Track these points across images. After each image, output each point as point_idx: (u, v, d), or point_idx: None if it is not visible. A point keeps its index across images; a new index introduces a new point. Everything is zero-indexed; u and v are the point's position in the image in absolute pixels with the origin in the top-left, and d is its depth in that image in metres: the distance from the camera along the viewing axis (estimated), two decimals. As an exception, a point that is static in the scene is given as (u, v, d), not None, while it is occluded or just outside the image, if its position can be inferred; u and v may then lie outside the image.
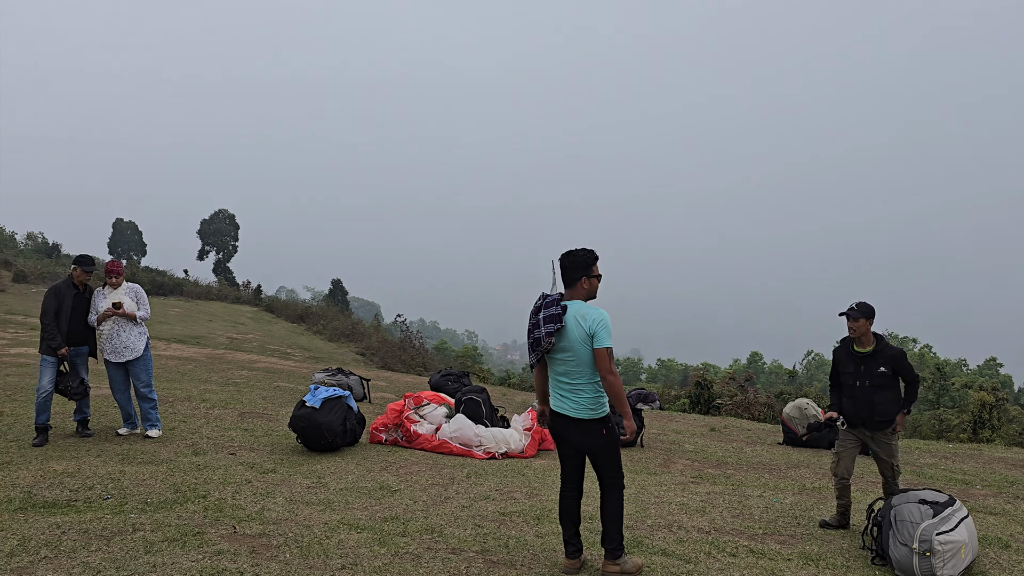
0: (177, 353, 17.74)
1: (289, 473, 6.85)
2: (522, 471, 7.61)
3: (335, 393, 7.92)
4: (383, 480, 6.81)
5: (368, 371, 19.54)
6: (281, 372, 15.77)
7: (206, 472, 6.66)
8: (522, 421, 8.85)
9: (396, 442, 8.51)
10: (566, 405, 4.50)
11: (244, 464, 7.05)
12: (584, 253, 4.51)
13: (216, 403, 10.44)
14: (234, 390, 11.98)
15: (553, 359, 4.53)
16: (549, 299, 4.52)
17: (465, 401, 8.88)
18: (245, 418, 9.50)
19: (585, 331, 4.39)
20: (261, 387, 12.73)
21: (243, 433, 8.55)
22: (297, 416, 7.62)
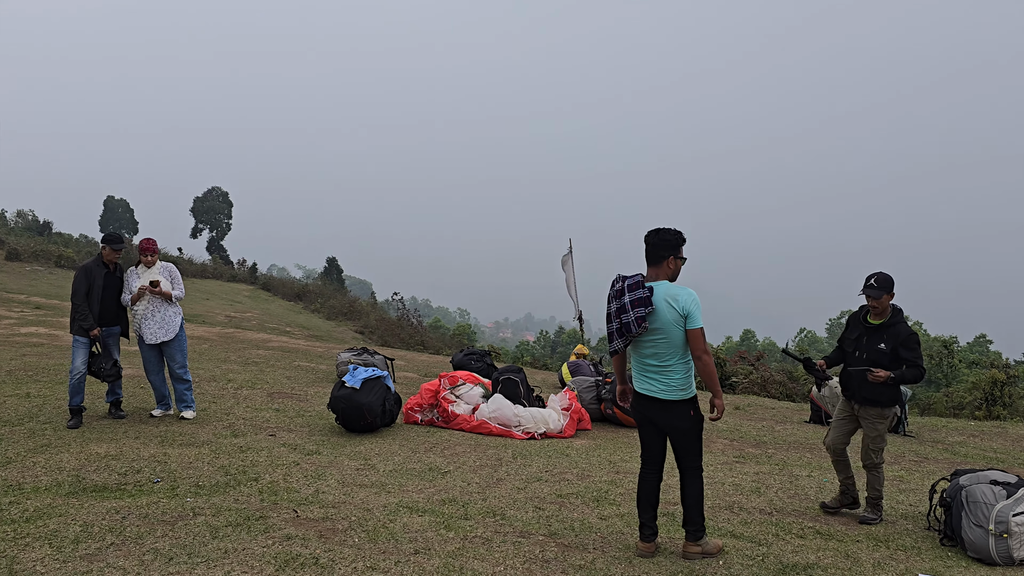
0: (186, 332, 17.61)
1: (334, 455, 6.77)
2: (565, 452, 7.56)
3: (374, 373, 7.83)
4: (431, 461, 6.74)
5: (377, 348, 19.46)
6: (297, 352, 15.67)
7: (250, 454, 6.56)
8: (559, 401, 8.78)
9: (432, 422, 8.45)
10: (654, 387, 4.44)
11: (287, 446, 6.96)
12: (674, 233, 4.46)
13: (242, 383, 10.34)
14: (256, 370, 11.88)
15: (640, 341, 4.45)
16: (631, 281, 4.42)
17: (503, 381, 8.80)
18: (275, 398, 9.41)
19: (678, 312, 4.34)
20: (282, 367, 12.65)
21: (276, 414, 8.45)
22: (337, 397, 7.52)
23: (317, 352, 15.99)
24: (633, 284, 4.39)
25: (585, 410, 9.17)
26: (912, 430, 10.49)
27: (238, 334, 18.60)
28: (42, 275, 28.92)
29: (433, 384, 8.75)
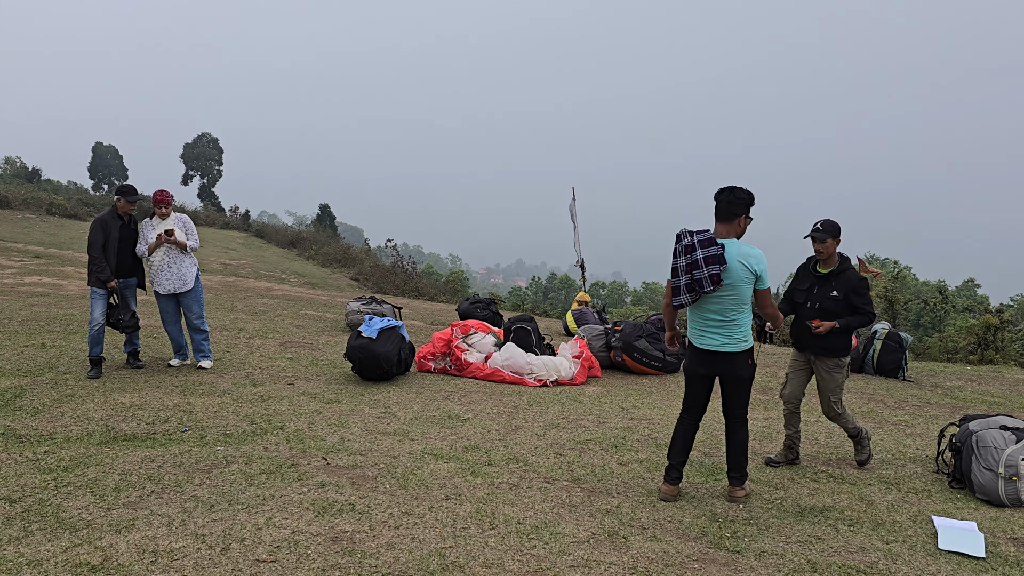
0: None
1: (354, 403, 6.89)
2: (578, 399, 7.71)
3: (389, 323, 7.91)
4: (449, 409, 6.87)
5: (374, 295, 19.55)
6: (301, 300, 15.74)
7: (272, 403, 6.67)
8: (570, 349, 8.90)
9: (445, 371, 8.57)
10: (718, 340, 4.59)
11: (306, 395, 7.07)
12: (746, 192, 4.53)
13: (254, 333, 10.42)
14: (265, 319, 11.96)
15: (707, 297, 4.54)
16: (703, 237, 4.46)
17: (515, 330, 8.91)
18: (287, 348, 9.50)
19: (750, 271, 4.49)
20: (289, 315, 12.73)
21: (290, 363, 8.54)
22: (354, 347, 7.62)
23: (321, 301, 16.04)
24: (705, 240, 4.44)
25: (595, 358, 9.29)
26: (912, 375, 10.70)
27: (239, 282, 18.61)
28: (34, 223, 28.68)
29: (446, 333, 8.84)
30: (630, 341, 9.24)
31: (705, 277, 4.42)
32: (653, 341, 9.37)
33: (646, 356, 9.28)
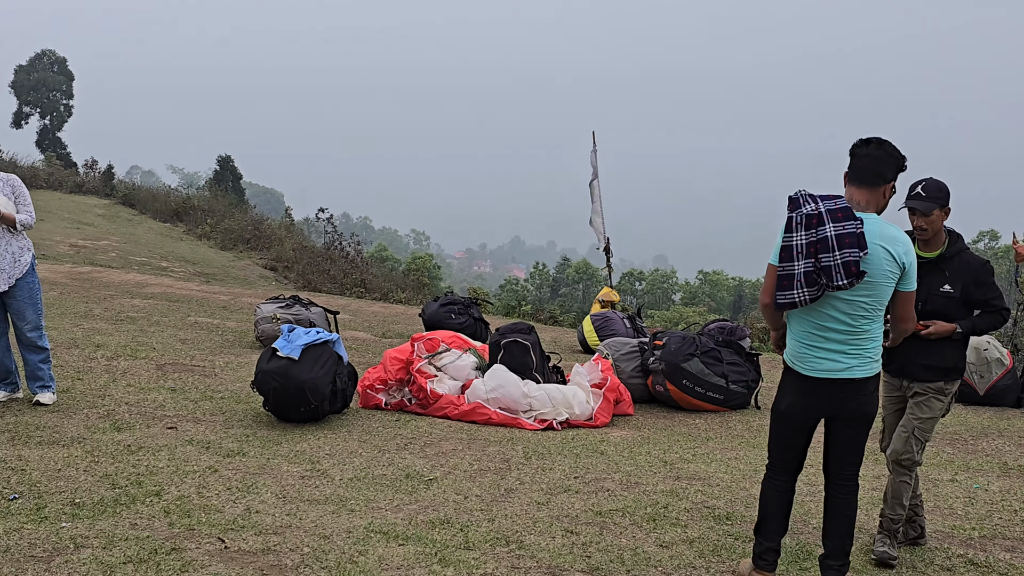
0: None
1: (266, 456, 6.89)
2: (599, 447, 7.75)
3: (318, 337, 7.91)
4: (407, 465, 6.88)
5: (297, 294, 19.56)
6: (191, 300, 15.77)
7: (144, 456, 6.67)
8: (587, 374, 8.91)
9: (402, 407, 8.55)
10: (842, 362, 4.60)
11: (195, 443, 7.07)
12: (899, 152, 4.60)
13: (118, 350, 10.44)
14: (135, 329, 12.00)
15: (832, 296, 4.54)
16: (835, 206, 4.46)
17: (506, 346, 8.93)
18: (168, 373, 9.52)
19: (896, 263, 4.54)
20: (171, 324, 12.77)
21: (172, 396, 8.56)
22: (267, 372, 7.62)
23: (219, 301, 16.06)
24: (838, 211, 4.44)
25: (626, 387, 9.28)
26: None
27: (97, 275, 18.60)
28: None
29: (404, 351, 8.84)
30: (677, 362, 9.24)
31: (837, 264, 4.39)
32: (711, 361, 9.37)
33: (701, 384, 9.28)
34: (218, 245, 31.89)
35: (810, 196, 4.51)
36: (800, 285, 4.47)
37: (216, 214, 36.00)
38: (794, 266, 4.47)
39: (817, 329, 4.59)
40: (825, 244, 4.40)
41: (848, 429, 4.72)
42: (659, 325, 43.46)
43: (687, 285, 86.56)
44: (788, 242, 4.49)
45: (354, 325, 14.72)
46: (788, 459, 4.88)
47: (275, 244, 32.97)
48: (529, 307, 25.38)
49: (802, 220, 4.46)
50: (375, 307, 18.56)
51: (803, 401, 4.71)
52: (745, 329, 14.20)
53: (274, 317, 11.11)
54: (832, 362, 4.59)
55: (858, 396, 4.63)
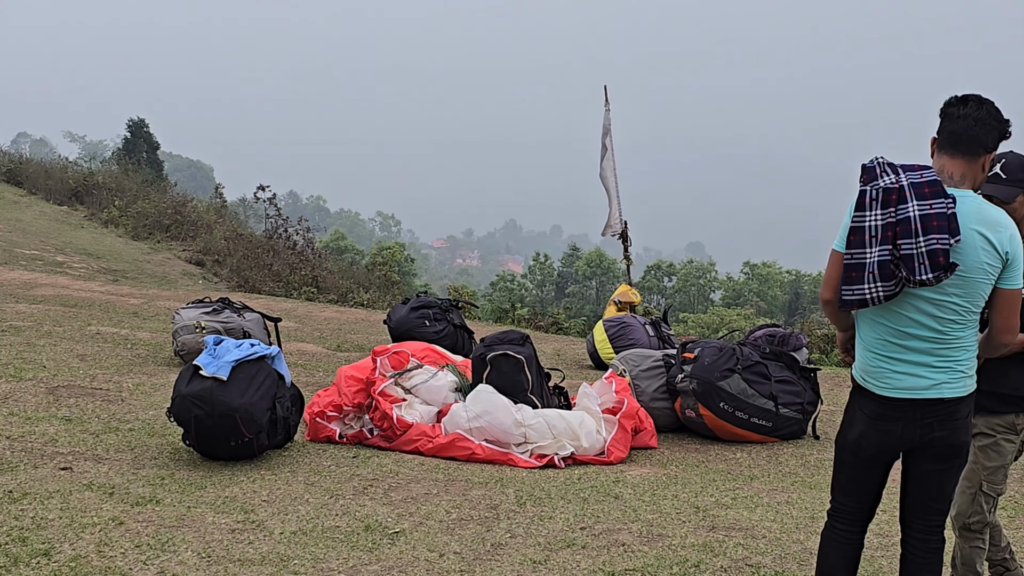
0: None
1: (186, 504, 6.86)
2: (612, 490, 7.74)
3: (253, 351, 7.89)
4: (367, 513, 6.86)
5: (232, 296, 19.51)
6: (94, 304, 15.75)
7: (30, 505, 6.64)
8: (597, 396, 8.89)
9: (362, 438, 8.54)
10: (929, 378, 4.52)
11: (95, 488, 7.04)
12: (1001, 114, 4.57)
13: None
14: (20, 342, 12.00)
15: (912, 298, 4.48)
16: (922, 178, 4.39)
17: (493, 361, 8.91)
18: (61, 398, 9.50)
19: (997, 252, 4.44)
20: (67, 335, 12.75)
21: (67, 427, 8.53)
22: (187, 396, 7.59)
23: (130, 305, 16.04)
24: (924, 185, 4.38)
25: (647, 412, 9.28)
26: None
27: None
28: None
29: (362, 368, 8.83)
30: (712, 380, 9.24)
31: (921, 253, 4.30)
32: (756, 379, 9.36)
33: (743, 408, 9.27)
34: (129, 233, 31.85)
35: (889, 165, 4.45)
36: (873, 278, 4.39)
37: (126, 194, 35.89)
38: (865, 253, 4.40)
39: (895, 336, 4.52)
40: (907, 226, 4.32)
41: (935, 464, 4.63)
42: (693, 333, 43.56)
43: (729, 281, 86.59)
44: (859, 222, 4.41)
45: (301, 335, 14.69)
46: (857, 504, 4.81)
47: (202, 232, 32.92)
48: (526, 310, 25.29)
49: (878, 195, 4.39)
50: (328, 312, 18.53)
51: (878, 429, 4.61)
52: (802, 337, 14.19)
53: (197, 326, 11.05)
54: (915, 378, 4.50)
55: (949, 421, 4.54)
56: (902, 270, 4.33)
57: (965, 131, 4.50)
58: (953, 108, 4.54)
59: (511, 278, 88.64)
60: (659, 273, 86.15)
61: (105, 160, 53.08)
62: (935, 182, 4.36)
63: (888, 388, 4.53)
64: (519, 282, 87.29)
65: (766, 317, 60.32)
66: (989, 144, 4.52)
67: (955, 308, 4.43)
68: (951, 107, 4.54)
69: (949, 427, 4.54)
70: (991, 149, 4.54)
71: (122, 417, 9.00)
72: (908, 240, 4.31)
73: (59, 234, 29.46)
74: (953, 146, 4.53)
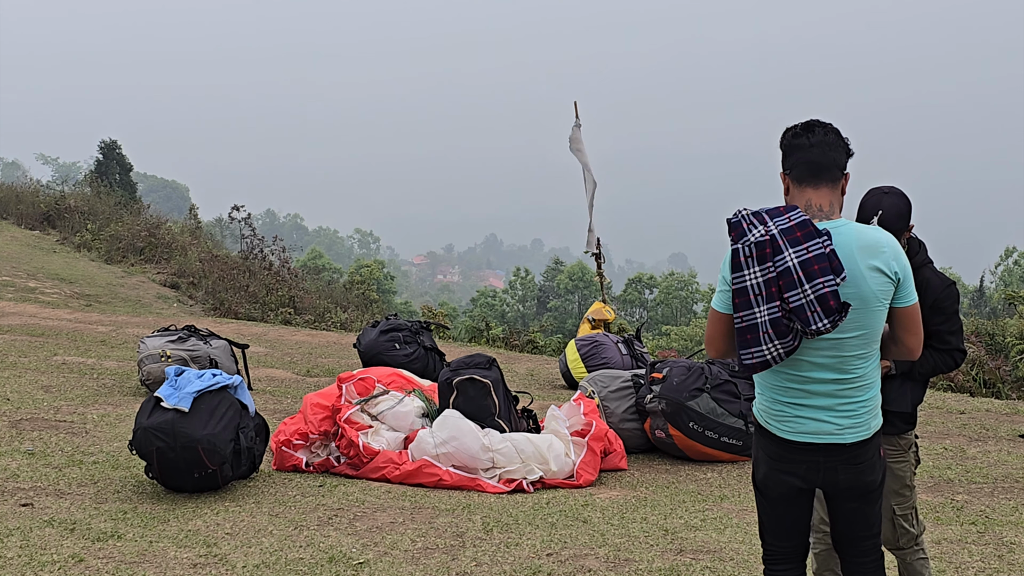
0: None
1: (148, 538, 6.86)
2: (581, 514, 7.76)
3: (215, 382, 7.89)
4: (331, 544, 6.87)
5: (201, 321, 19.46)
6: (60, 333, 15.73)
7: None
8: (566, 419, 8.91)
9: (328, 468, 8.55)
10: (832, 423, 4.46)
11: (56, 524, 7.03)
12: (839, 134, 4.54)
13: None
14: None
15: (808, 342, 4.39)
16: (788, 221, 4.29)
17: (459, 386, 8.92)
18: (24, 431, 9.49)
19: (887, 276, 4.38)
20: (32, 366, 12.73)
21: (29, 461, 8.52)
22: (149, 428, 7.58)
23: (97, 333, 16.01)
24: (794, 228, 4.28)
25: (616, 433, 9.32)
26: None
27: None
28: None
29: (327, 395, 8.83)
30: (681, 400, 9.25)
31: (811, 302, 4.21)
32: (726, 397, 9.38)
33: (713, 427, 9.29)
34: (102, 257, 31.74)
35: (755, 215, 4.35)
36: (769, 337, 4.29)
37: (99, 217, 35.74)
38: (755, 313, 4.29)
39: (796, 382, 4.46)
40: (789, 277, 4.23)
41: (851, 503, 4.60)
42: (675, 346, 43.61)
43: (711, 292, 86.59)
44: (740, 282, 4.30)
45: (271, 361, 14.69)
46: (785, 544, 4.75)
47: (176, 254, 32.79)
48: (500, 329, 25.27)
49: (751, 251, 4.29)
50: (300, 336, 18.51)
51: (782, 470, 4.56)
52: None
53: (163, 355, 11.04)
54: (819, 422, 4.44)
55: (854, 465, 4.49)
56: (796, 323, 4.24)
57: (822, 158, 4.46)
58: (801, 138, 4.49)
59: (492, 294, 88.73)
60: (640, 286, 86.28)
61: (78, 183, 52.98)
62: (805, 223, 4.27)
63: (790, 432, 4.47)
64: (500, 297, 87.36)
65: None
66: (844, 165, 4.50)
67: (854, 344, 4.38)
68: (798, 138, 4.50)
69: (854, 470, 4.48)
70: (845, 169, 4.51)
71: (86, 450, 8.99)
72: (794, 291, 4.21)
73: (31, 259, 29.35)
74: (816, 176, 4.46)
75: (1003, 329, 21.68)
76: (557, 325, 66.20)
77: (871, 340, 4.42)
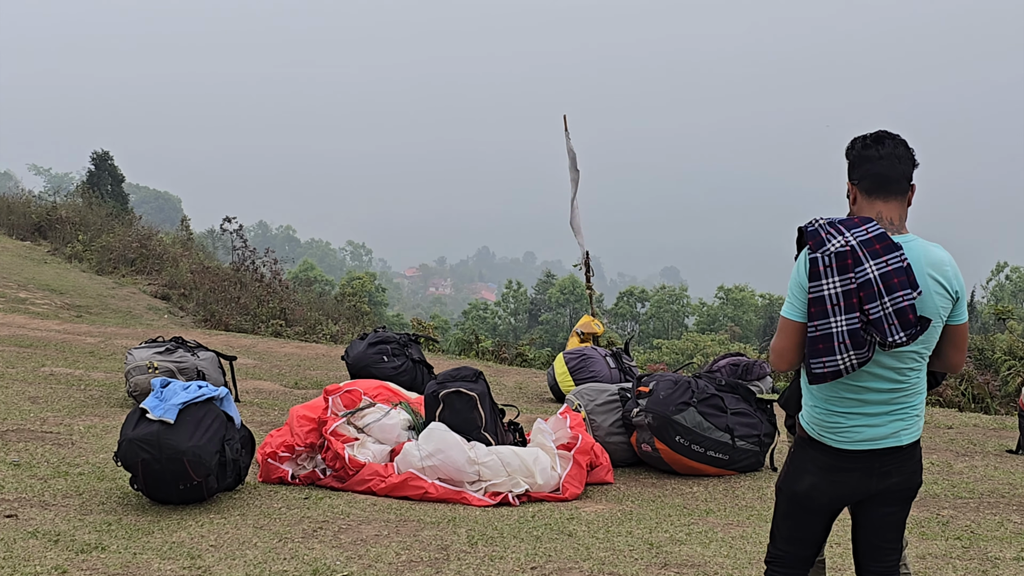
0: None
1: (132, 550, 6.84)
2: (566, 527, 7.76)
3: (200, 394, 7.88)
4: (315, 557, 6.86)
5: (190, 333, 19.44)
6: (49, 344, 15.70)
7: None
8: (552, 432, 8.92)
9: (314, 480, 8.53)
10: (887, 428, 4.50)
11: (40, 536, 7.02)
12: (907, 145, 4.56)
13: (-57, 414, 10.35)
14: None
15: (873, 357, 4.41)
16: (866, 234, 4.30)
17: (446, 399, 8.91)
18: (10, 442, 9.46)
19: (948, 293, 4.45)
20: (19, 377, 12.69)
21: (15, 473, 8.49)
22: (134, 440, 7.56)
23: (86, 344, 15.99)
24: (873, 240, 4.29)
25: (603, 447, 9.33)
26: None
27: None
28: None
29: (314, 408, 8.82)
30: (667, 414, 9.25)
31: (889, 314, 4.26)
32: (712, 412, 9.38)
33: (700, 441, 9.29)
34: (93, 268, 31.71)
35: (831, 226, 4.36)
36: (844, 348, 4.29)
37: (90, 228, 35.72)
38: (831, 323, 4.28)
39: (852, 392, 4.45)
40: (870, 289, 4.25)
41: (891, 507, 4.61)
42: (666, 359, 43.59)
43: (703, 306, 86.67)
44: (817, 292, 4.30)
45: (259, 373, 14.68)
46: (801, 552, 4.75)
47: (168, 265, 32.78)
48: (490, 342, 25.27)
49: (831, 261, 4.28)
50: (289, 348, 18.49)
51: (834, 480, 4.54)
52: (765, 366, 14.29)
53: (150, 366, 11.01)
54: (874, 428, 4.47)
55: (907, 466, 4.53)
56: (874, 335, 4.26)
57: (892, 170, 4.47)
58: (871, 149, 4.49)
59: (484, 307, 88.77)
60: (632, 299, 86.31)
61: (69, 193, 52.94)
62: (883, 235, 4.30)
63: (847, 441, 4.46)
64: (492, 310, 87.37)
65: (741, 342, 60.41)
66: (911, 177, 4.51)
67: (914, 357, 4.42)
68: (868, 149, 4.50)
69: (907, 471, 4.53)
70: (911, 183, 4.52)
71: (72, 461, 8.96)
72: (874, 303, 4.23)
73: (22, 270, 29.32)
74: (886, 189, 4.47)
75: (993, 344, 21.82)
76: (548, 338, 66.27)
77: (926, 353, 4.48)
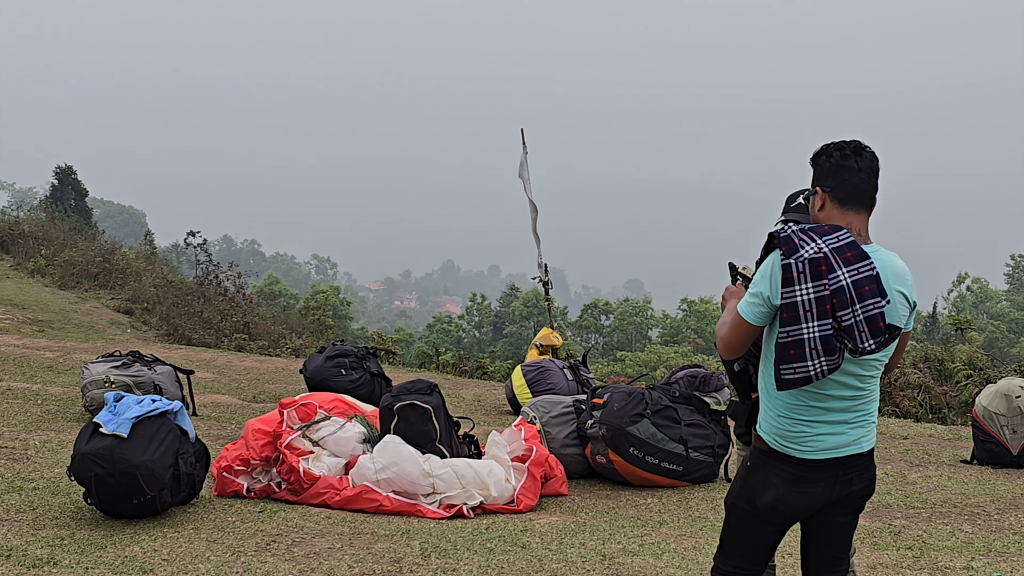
0: None
1: (84, 565, 6.83)
2: (520, 539, 7.77)
3: (154, 408, 7.86)
4: (267, 570, 6.86)
5: (151, 347, 19.37)
6: (5, 359, 15.60)
7: (-80, 572, 6.57)
8: (506, 444, 8.94)
9: (269, 493, 8.53)
10: (849, 435, 4.53)
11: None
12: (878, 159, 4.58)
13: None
14: (-77, 400, 11.77)
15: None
16: (838, 241, 4.33)
17: (400, 411, 8.91)
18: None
19: (908, 303, 4.54)
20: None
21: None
22: (87, 454, 7.52)
23: (44, 359, 15.92)
24: (844, 248, 4.32)
25: (557, 459, 9.36)
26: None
27: None
28: None
29: (269, 421, 8.82)
30: (621, 425, 9.27)
31: (860, 322, 4.30)
32: (666, 423, 9.42)
33: (653, 452, 9.32)
34: (56, 283, 31.54)
35: (804, 232, 4.35)
36: (816, 354, 4.27)
37: (53, 242, 35.55)
38: (802, 329, 4.26)
39: (817, 400, 4.45)
40: (843, 296, 4.25)
41: (846, 516, 4.65)
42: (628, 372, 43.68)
43: (666, 318, 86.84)
44: (790, 297, 4.28)
45: (217, 386, 14.62)
46: (753, 566, 4.75)
47: (131, 279, 32.66)
48: (450, 355, 25.25)
49: (804, 267, 4.26)
50: (248, 361, 18.44)
51: (800, 492, 4.52)
52: (723, 378, 14.30)
53: (106, 380, 10.98)
54: (837, 436, 4.48)
55: (866, 472, 4.59)
56: (845, 342, 4.29)
57: (868, 184, 4.51)
58: (851, 160, 4.47)
59: (448, 320, 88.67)
60: (596, 312, 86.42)
61: (32, 208, 52.67)
62: (853, 244, 4.32)
63: (811, 451, 4.45)
64: (456, 323, 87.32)
65: (704, 354, 60.58)
66: (876, 192, 4.56)
67: (875, 365, 4.48)
68: (847, 159, 4.48)
69: (866, 478, 4.59)
70: (875, 196, 4.56)
71: (26, 476, 8.92)
72: (846, 311, 4.24)
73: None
74: (859, 201, 4.49)
75: (953, 355, 22.03)
76: (512, 351, 66.23)
77: (885, 361, 4.53)
